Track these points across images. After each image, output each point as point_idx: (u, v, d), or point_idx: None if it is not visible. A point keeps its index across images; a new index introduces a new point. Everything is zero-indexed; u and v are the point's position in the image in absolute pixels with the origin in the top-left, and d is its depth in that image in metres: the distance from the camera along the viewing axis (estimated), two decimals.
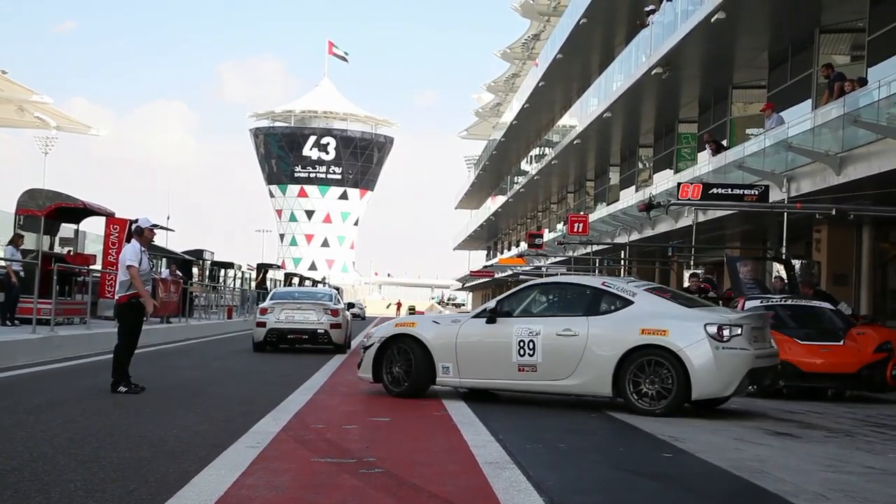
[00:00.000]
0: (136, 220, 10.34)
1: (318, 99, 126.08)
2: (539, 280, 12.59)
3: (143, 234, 10.12)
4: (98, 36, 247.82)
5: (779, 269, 16.24)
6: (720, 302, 15.48)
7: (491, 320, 9.81)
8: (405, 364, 10.05)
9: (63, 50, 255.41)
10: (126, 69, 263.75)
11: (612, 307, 9.46)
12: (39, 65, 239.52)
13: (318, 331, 17.03)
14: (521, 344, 9.47)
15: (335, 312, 17.43)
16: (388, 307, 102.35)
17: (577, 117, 36.77)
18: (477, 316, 10.11)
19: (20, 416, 7.68)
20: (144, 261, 10.00)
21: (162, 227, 32.34)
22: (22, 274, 16.68)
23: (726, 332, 8.87)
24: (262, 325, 17.31)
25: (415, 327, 10.27)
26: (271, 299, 18.29)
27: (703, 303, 10.58)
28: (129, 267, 9.80)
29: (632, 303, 9.37)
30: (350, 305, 22.18)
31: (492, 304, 10.10)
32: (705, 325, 8.93)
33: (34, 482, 5.09)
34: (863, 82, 16.64)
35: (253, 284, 44.60)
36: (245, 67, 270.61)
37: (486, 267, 74.10)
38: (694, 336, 8.88)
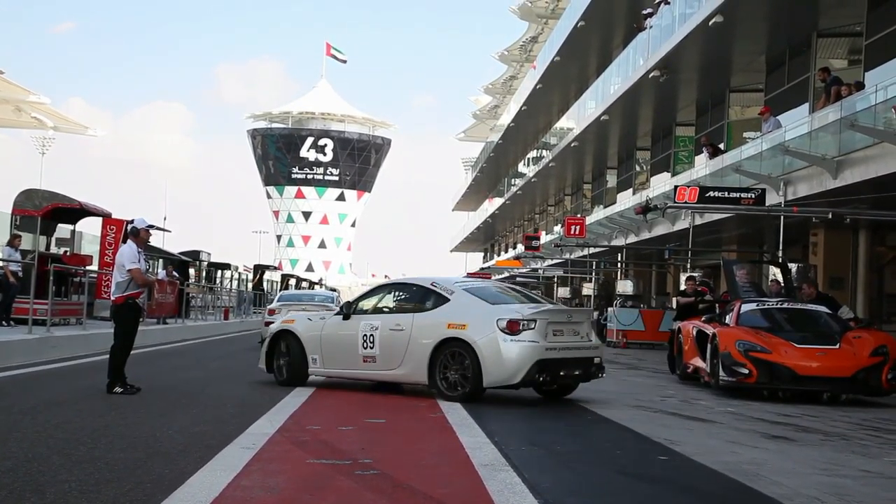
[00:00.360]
0: (133, 221, 10.33)
1: (316, 100, 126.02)
2: (387, 281, 14.13)
3: (139, 235, 10.10)
4: (96, 37, 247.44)
5: (775, 273, 16.25)
6: (716, 305, 15.49)
7: (346, 317, 10.89)
8: (287, 356, 11.19)
9: (61, 50, 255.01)
10: (124, 70, 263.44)
11: (434, 304, 10.42)
12: (37, 65, 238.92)
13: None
14: (364, 338, 10.54)
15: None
16: None
17: (574, 120, 36.80)
18: (338, 313, 11.22)
19: (16, 416, 7.67)
20: (141, 262, 10.00)
21: (158, 228, 32.28)
22: (20, 274, 16.67)
23: (517, 327, 9.67)
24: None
25: (293, 324, 11.50)
26: (278, 301, 19.51)
27: (532, 298, 11.32)
28: (130, 270, 9.79)
29: (448, 300, 10.33)
30: None
31: (348, 301, 11.32)
32: (497, 320, 9.75)
33: (29, 482, 5.08)
34: (860, 86, 16.67)
35: (250, 286, 44.59)
36: (243, 69, 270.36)
37: (482, 269, 74.06)
38: (487, 330, 9.74)
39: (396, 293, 11.32)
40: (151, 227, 10.56)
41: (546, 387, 10.35)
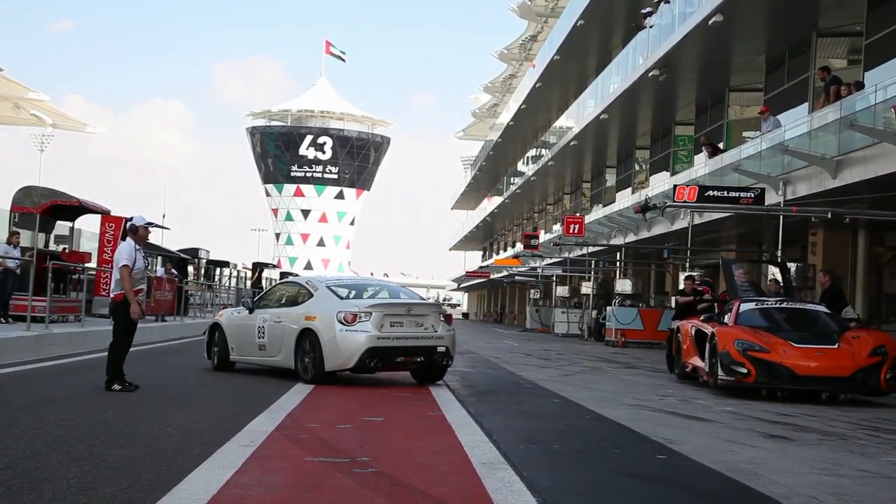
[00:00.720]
0: (131, 219, 10.30)
1: (315, 98, 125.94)
2: (282, 280, 16.18)
3: (137, 233, 10.05)
4: (95, 34, 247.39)
5: (774, 272, 16.25)
6: (716, 304, 15.48)
7: (251, 310, 12.53)
8: (217, 346, 12.99)
9: (60, 48, 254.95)
10: (123, 68, 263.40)
11: (304, 300, 11.84)
12: (36, 62, 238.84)
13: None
14: (259, 329, 12.14)
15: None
16: None
17: (573, 119, 36.80)
18: (247, 308, 12.77)
19: (14, 413, 7.67)
20: (139, 259, 9.94)
21: (157, 226, 32.28)
22: (18, 271, 16.66)
23: (353, 318, 10.92)
24: None
25: (221, 318, 13.31)
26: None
27: (401, 296, 12.49)
28: (121, 267, 9.77)
29: (313, 296, 11.76)
30: None
31: (252, 297, 13.22)
32: (337, 313, 10.98)
33: (27, 480, 5.08)
34: (859, 86, 16.67)
35: (248, 283, 44.56)
36: (242, 67, 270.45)
37: (481, 268, 74.08)
38: (329, 321, 10.99)
39: (285, 290, 13.00)
40: (150, 224, 10.56)
41: (385, 370, 11.51)
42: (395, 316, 11.19)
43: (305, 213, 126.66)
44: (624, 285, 30.69)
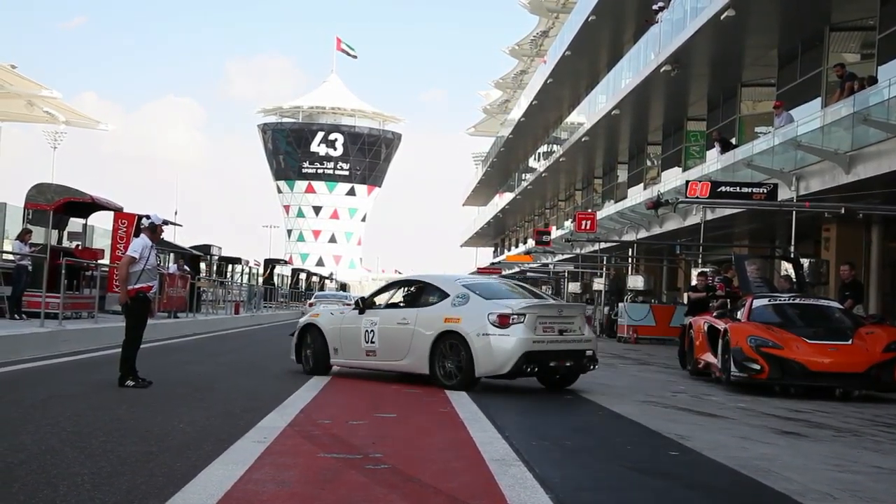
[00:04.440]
0: (150, 217, 10.32)
1: (326, 95, 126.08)
2: (398, 278, 15.02)
3: (156, 231, 10.19)
4: (107, 32, 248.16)
5: (787, 268, 16.18)
6: (728, 301, 15.44)
7: (361, 311, 11.63)
8: (312, 347, 12.05)
9: (73, 45, 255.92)
10: (135, 65, 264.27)
11: (436, 300, 11.05)
12: (49, 60, 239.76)
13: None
14: (365, 333, 11.37)
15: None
16: None
17: (585, 114, 36.72)
18: (354, 307, 11.91)
19: (28, 409, 7.70)
20: (152, 256, 10.01)
21: (170, 223, 32.39)
22: (30, 268, 16.73)
23: (507, 321, 10.28)
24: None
25: (318, 318, 12.39)
26: (315, 297, 25.87)
27: (531, 294, 11.88)
28: (127, 254, 9.90)
29: (448, 296, 10.92)
30: None
31: (363, 297, 12.14)
32: (488, 315, 10.36)
33: (42, 475, 5.10)
34: (873, 81, 16.57)
35: (260, 280, 44.67)
36: (254, 64, 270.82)
37: (493, 264, 74.05)
38: (479, 323, 10.36)
39: (405, 289, 12.19)
40: (166, 222, 10.64)
41: (537, 376, 10.88)
42: (546, 318, 10.59)
43: (317, 209, 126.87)
44: (636, 281, 30.60)
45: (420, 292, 11.56)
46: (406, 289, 12.18)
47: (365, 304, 11.72)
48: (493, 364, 10.32)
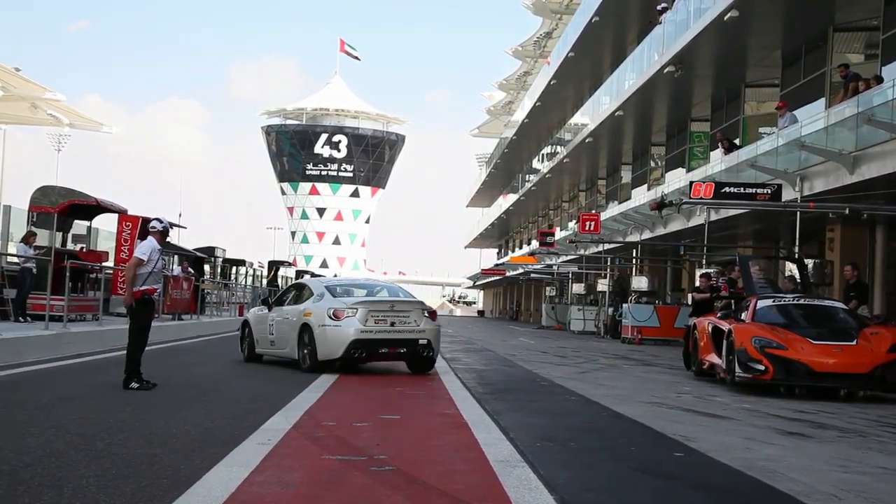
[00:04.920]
0: (160, 220, 10.38)
1: (330, 97, 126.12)
2: (296, 282, 18.86)
3: (166, 235, 10.38)
4: (112, 35, 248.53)
5: (791, 269, 16.16)
6: (732, 301, 15.41)
7: (269, 309, 14.20)
8: (246, 340, 14.72)
9: (77, 48, 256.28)
10: (139, 67, 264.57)
11: (306, 298, 13.31)
12: (53, 63, 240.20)
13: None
14: (270, 326, 13.88)
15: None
16: None
17: (588, 116, 36.70)
18: (266, 305, 14.49)
19: (32, 411, 7.72)
20: (160, 259, 10.13)
21: (175, 225, 32.43)
22: (34, 271, 16.75)
23: (341, 314, 12.32)
24: None
25: (249, 315, 15.21)
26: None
27: (379, 293, 13.96)
28: (135, 256, 10.00)
29: (314, 295, 13.19)
30: None
31: (270, 297, 15.72)
32: (328, 309, 12.41)
33: (47, 477, 5.11)
34: (879, 80, 16.54)
35: (264, 282, 44.66)
36: (257, 65, 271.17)
37: (497, 265, 74.05)
38: (321, 316, 12.42)
39: (296, 290, 14.30)
40: (172, 224, 10.81)
41: (363, 362, 12.95)
42: (379, 312, 12.48)
43: (321, 211, 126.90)
44: (640, 282, 30.60)
45: (301, 292, 13.71)
46: (296, 290, 14.22)
47: (273, 303, 14.28)
48: (328, 349, 12.29)
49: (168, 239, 10.97)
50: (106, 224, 24.15)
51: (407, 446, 6.74)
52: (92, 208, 20.07)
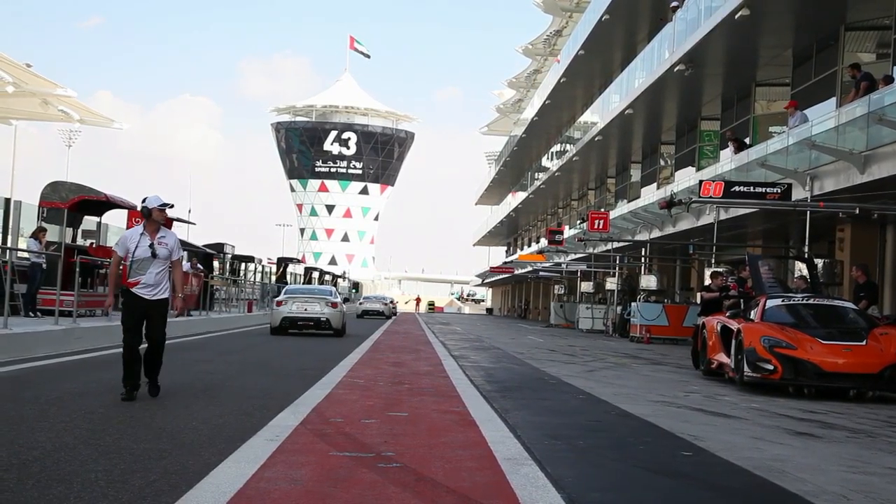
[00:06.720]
0: (145, 200, 8.76)
1: (340, 94, 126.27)
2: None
3: (150, 216, 8.64)
4: (123, 31, 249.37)
5: (801, 269, 16.11)
6: (742, 301, 15.37)
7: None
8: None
9: (89, 45, 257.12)
10: (151, 64, 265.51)
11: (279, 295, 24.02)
12: (65, 59, 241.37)
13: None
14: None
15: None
16: (406, 303, 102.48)
17: (598, 114, 36.65)
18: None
19: (42, 406, 7.75)
20: (142, 245, 8.58)
21: (183, 221, 32.49)
22: (44, 266, 16.82)
23: (281, 303, 23.18)
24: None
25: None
26: (284, 293, 24.61)
27: (319, 294, 24.33)
28: (113, 252, 8.93)
29: (280, 293, 22.50)
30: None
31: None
32: (275, 300, 22.04)
33: (56, 472, 5.13)
34: (889, 80, 16.48)
35: (273, 278, 44.76)
36: (267, 63, 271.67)
37: (505, 263, 74.04)
38: (274, 304, 21.99)
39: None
40: (165, 205, 8.78)
41: (296, 330, 22.83)
42: (299, 301, 22.95)
43: (330, 208, 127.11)
44: (649, 281, 30.55)
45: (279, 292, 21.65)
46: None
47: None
48: (275, 322, 22.93)
49: (164, 222, 9.08)
50: (116, 220, 24.25)
51: (415, 443, 6.74)
52: (102, 204, 20.13)
